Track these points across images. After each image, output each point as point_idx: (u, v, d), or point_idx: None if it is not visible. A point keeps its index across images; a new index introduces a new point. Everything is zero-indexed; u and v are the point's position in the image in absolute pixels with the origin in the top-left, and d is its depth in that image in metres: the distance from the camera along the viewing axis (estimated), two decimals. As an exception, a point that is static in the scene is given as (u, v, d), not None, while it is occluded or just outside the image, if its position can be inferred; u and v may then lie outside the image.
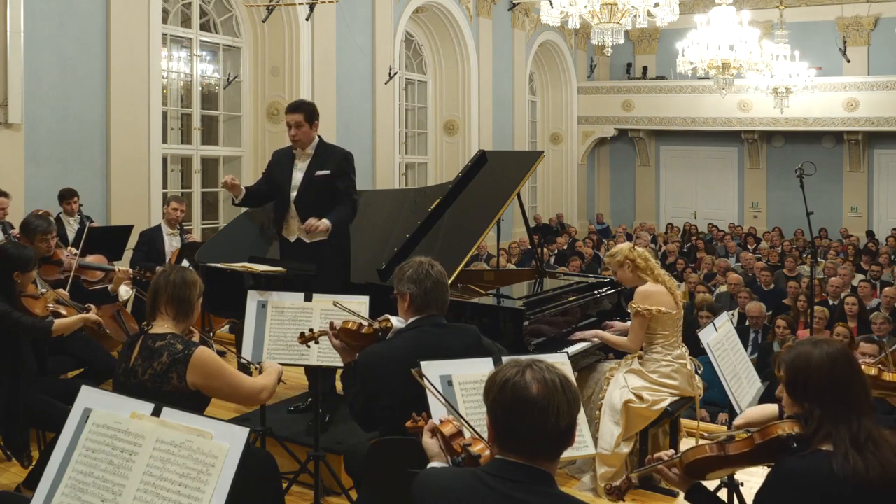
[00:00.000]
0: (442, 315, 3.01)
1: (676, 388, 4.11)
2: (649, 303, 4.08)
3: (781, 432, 2.12)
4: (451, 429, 2.25)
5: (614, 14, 8.43)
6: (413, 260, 3.05)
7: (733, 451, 2.23)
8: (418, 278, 2.95)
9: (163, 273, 2.94)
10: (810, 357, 2.13)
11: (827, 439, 2.06)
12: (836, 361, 2.12)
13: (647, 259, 4.21)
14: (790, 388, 2.17)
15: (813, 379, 2.11)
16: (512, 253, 11.74)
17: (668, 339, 4.15)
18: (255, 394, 2.93)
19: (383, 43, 11.80)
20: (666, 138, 18.30)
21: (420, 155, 14.07)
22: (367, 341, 3.03)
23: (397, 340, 2.93)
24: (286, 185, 4.54)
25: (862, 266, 11.00)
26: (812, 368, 2.12)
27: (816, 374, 2.11)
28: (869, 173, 16.55)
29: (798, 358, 2.16)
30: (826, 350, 2.14)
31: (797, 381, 2.15)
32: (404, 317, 3.02)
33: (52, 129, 7.72)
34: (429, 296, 2.95)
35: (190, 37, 9.80)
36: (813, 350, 2.15)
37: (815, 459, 2.04)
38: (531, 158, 5.50)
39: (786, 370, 2.18)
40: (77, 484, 2.02)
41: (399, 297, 3.01)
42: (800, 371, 2.14)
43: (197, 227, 9.78)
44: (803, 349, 2.17)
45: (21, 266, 3.91)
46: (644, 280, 4.18)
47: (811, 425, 2.09)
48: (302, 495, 3.86)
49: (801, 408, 2.14)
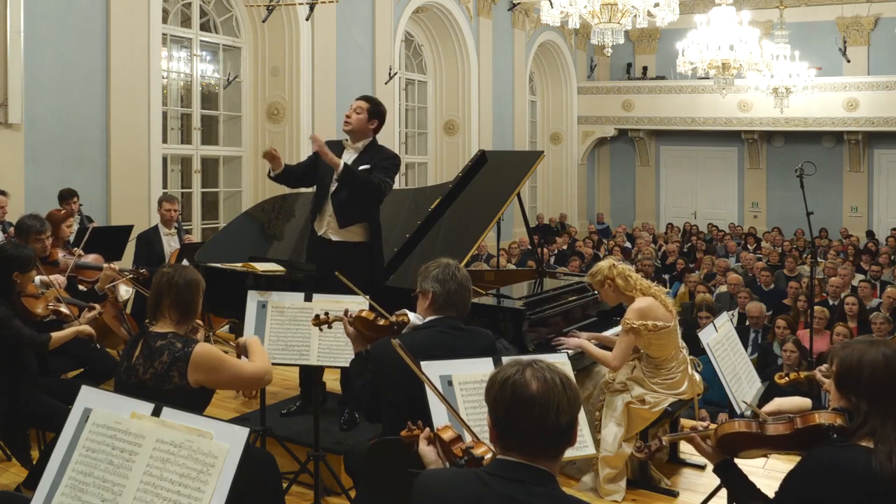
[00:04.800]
0: (460, 318, 3.00)
1: (680, 394, 4.09)
2: (645, 318, 3.91)
3: (823, 421, 2.12)
4: (450, 434, 2.23)
5: (614, 14, 8.44)
6: (440, 260, 3.05)
7: (771, 431, 2.23)
8: (444, 278, 2.95)
9: (166, 273, 2.92)
10: (865, 354, 2.14)
11: (869, 436, 2.05)
12: (891, 362, 2.12)
13: (628, 276, 4.01)
14: (840, 381, 2.17)
15: (865, 374, 2.12)
16: (512, 253, 11.74)
17: (670, 351, 4.04)
18: (259, 378, 2.93)
19: (383, 43, 11.80)
20: (666, 138, 18.30)
21: (420, 155, 14.07)
22: (381, 333, 3.03)
23: (413, 337, 2.92)
24: (327, 177, 4.38)
25: (862, 266, 11.00)
26: (865, 364, 2.13)
27: (870, 370, 2.11)
28: (869, 173, 16.55)
29: (853, 353, 2.17)
30: (883, 350, 2.15)
31: (849, 375, 2.15)
32: (423, 314, 3.02)
33: (52, 129, 7.71)
34: (451, 297, 2.95)
35: (190, 37, 9.80)
36: (869, 348, 2.16)
37: (853, 453, 2.04)
38: (531, 158, 5.50)
39: (838, 364, 2.18)
40: (77, 484, 2.01)
41: (421, 294, 3.01)
42: (853, 365, 2.15)
43: (197, 227, 9.78)
44: (860, 346, 2.19)
45: (20, 266, 3.90)
46: (629, 297, 4.02)
47: (856, 419, 2.09)
48: (302, 495, 3.86)
49: (847, 401, 2.14)
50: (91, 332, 4.09)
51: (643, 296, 3.98)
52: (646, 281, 4.14)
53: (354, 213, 4.35)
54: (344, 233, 4.37)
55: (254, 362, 2.94)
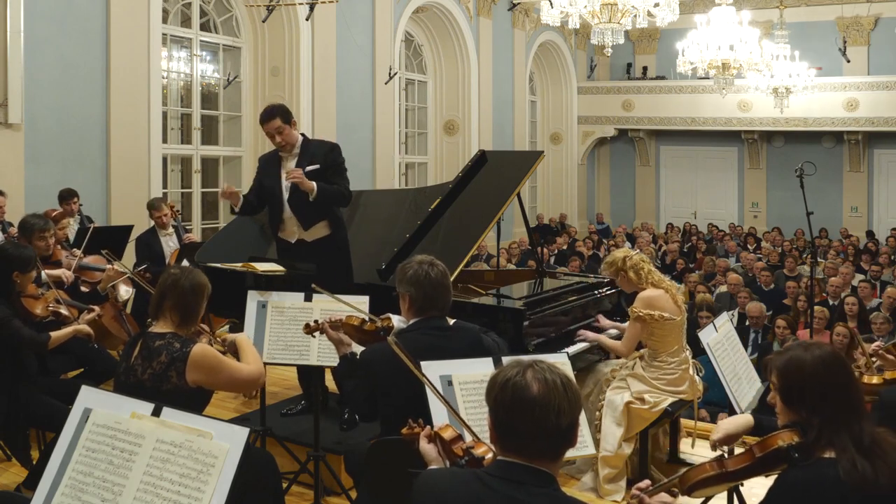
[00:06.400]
0: (443, 316, 2.99)
1: (679, 392, 4.10)
2: (651, 308, 4.01)
3: (781, 443, 2.06)
4: (450, 433, 2.23)
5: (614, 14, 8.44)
6: (413, 260, 3.01)
7: (733, 466, 2.18)
8: (418, 280, 2.92)
9: (172, 275, 2.91)
10: (803, 362, 2.07)
11: (828, 447, 2.00)
12: (830, 366, 2.06)
13: (640, 270, 4.10)
14: (784, 396, 2.12)
15: (808, 385, 2.06)
16: (512, 253, 11.74)
17: (671, 345, 4.09)
18: (255, 379, 2.94)
19: (383, 43, 11.80)
20: (666, 138, 18.30)
21: (420, 155, 14.07)
22: (369, 336, 3.02)
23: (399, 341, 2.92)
24: (277, 188, 4.50)
25: (862, 266, 11.00)
26: (806, 374, 2.06)
27: (811, 379, 2.05)
28: (869, 173, 16.55)
29: (790, 363, 2.10)
30: (818, 354, 2.08)
31: (791, 388, 2.10)
32: (406, 317, 3.01)
33: (52, 129, 7.71)
34: (429, 298, 2.93)
35: (190, 37, 9.80)
36: (805, 355, 2.09)
37: (818, 468, 1.99)
38: (531, 158, 5.50)
39: (778, 377, 2.12)
40: (77, 484, 2.01)
41: (401, 297, 3.00)
42: (793, 378, 2.09)
43: (197, 227, 9.78)
44: (794, 354, 2.11)
45: (20, 266, 3.89)
46: (642, 288, 4.11)
47: (811, 433, 2.03)
48: (302, 495, 3.86)
49: (797, 415, 2.08)
50: (89, 331, 4.09)
51: (655, 288, 4.07)
52: (659, 274, 4.22)
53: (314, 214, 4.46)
54: (312, 232, 4.48)
55: (247, 364, 2.94)
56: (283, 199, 4.49)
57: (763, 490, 2.17)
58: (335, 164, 4.50)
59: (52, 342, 3.90)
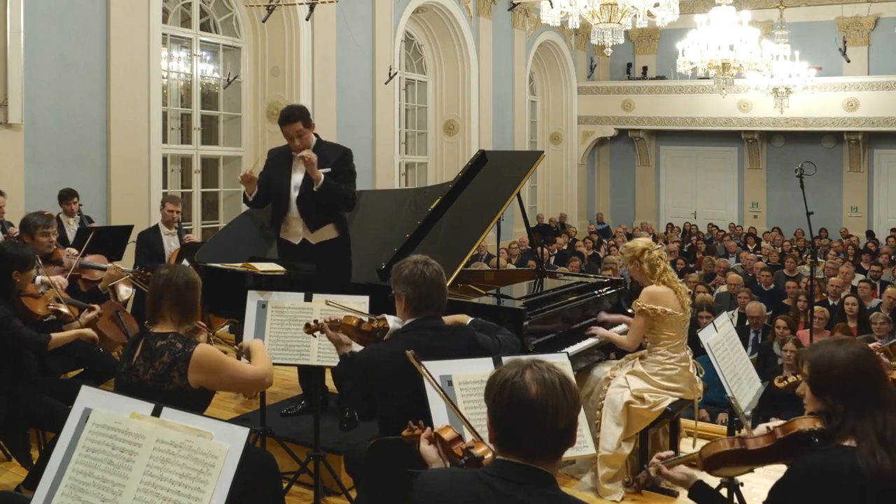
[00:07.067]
0: (439, 316, 2.99)
1: (678, 390, 4.11)
2: (655, 303, 4.06)
3: (803, 427, 2.11)
4: (450, 434, 2.24)
5: (614, 14, 8.44)
6: (408, 260, 3.01)
7: (753, 445, 2.21)
8: (414, 280, 2.92)
9: (163, 275, 2.91)
10: (834, 354, 2.14)
11: (850, 435, 2.05)
12: (860, 358, 2.12)
13: (656, 265, 4.13)
14: (813, 384, 2.17)
15: (837, 374, 2.11)
16: (512, 253, 11.74)
17: (673, 340, 4.12)
18: (259, 380, 2.93)
19: (383, 43, 11.80)
20: (666, 138, 18.30)
21: (420, 155, 14.07)
22: (366, 337, 3.03)
23: (395, 343, 2.91)
24: (286, 186, 4.46)
25: (862, 266, 11.00)
26: (836, 365, 2.12)
27: (840, 369, 2.11)
28: (869, 173, 16.55)
29: (822, 356, 2.16)
30: (850, 349, 2.15)
31: (822, 377, 2.15)
32: (402, 317, 3.01)
33: (52, 129, 7.71)
34: (424, 298, 2.93)
35: (190, 37, 9.80)
36: (837, 349, 2.15)
37: (837, 454, 2.03)
38: (531, 158, 5.50)
39: (809, 367, 2.18)
40: (77, 484, 2.01)
41: (396, 297, 3.00)
42: (824, 367, 2.14)
43: (197, 227, 9.79)
44: (828, 348, 2.18)
45: (20, 265, 3.90)
46: (653, 281, 4.15)
47: (835, 421, 2.08)
48: (302, 495, 3.86)
49: (823, 404, 2.13)
50: (93, 335, 4.08)
51: (662, 285, 4.12)
52: (673, 274, 4.26)
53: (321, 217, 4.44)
54: (318, 234, 4.46)
55: (255, 365, 2.94)
56: (291, 198, 4.44)
57: (764, 491, 2.18)
58: (345, 169, 4.48)
59: (54, 343, 3.90)
